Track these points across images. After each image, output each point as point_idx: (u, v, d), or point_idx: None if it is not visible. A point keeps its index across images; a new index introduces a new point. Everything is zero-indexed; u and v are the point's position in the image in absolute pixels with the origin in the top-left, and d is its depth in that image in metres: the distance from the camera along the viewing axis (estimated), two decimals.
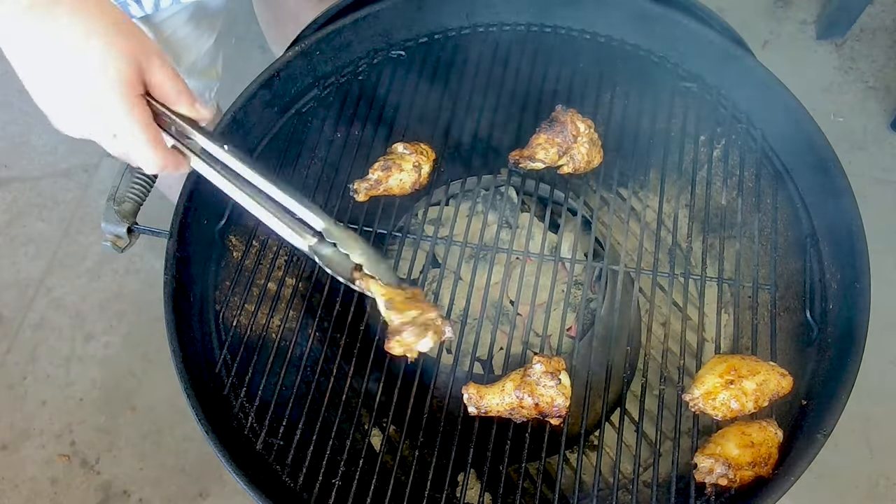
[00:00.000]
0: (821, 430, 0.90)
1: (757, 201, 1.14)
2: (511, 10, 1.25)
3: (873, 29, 2.40)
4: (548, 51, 1.24)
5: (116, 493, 1.81)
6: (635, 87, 1.22)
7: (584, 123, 1.11)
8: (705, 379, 0.94)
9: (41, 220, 2.16)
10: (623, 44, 1.23)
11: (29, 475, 1.83)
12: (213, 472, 1.82)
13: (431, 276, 1.25)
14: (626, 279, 1.16)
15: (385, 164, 1.10)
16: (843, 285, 1.03)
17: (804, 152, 1.10)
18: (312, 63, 1.19)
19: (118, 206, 1.02)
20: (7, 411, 1.90)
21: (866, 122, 2.25)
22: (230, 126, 1.11)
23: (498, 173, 1.24)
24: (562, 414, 0.93)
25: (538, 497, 0.96)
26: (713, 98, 1.19)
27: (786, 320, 1.12)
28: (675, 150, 1.18)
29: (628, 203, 1.36)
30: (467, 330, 1.14)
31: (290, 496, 0.96)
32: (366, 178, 1.10)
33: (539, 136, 1.11)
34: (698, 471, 0.90)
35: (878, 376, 1.83)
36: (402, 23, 1.23)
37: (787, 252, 1.16)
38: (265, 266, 1.13)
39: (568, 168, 1.13)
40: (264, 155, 1.18)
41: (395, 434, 1.25)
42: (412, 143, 1.13)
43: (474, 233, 1.22)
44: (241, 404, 1.01)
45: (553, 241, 1.26)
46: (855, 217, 1.02)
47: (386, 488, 0.94)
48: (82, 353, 1.96)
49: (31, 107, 0.74)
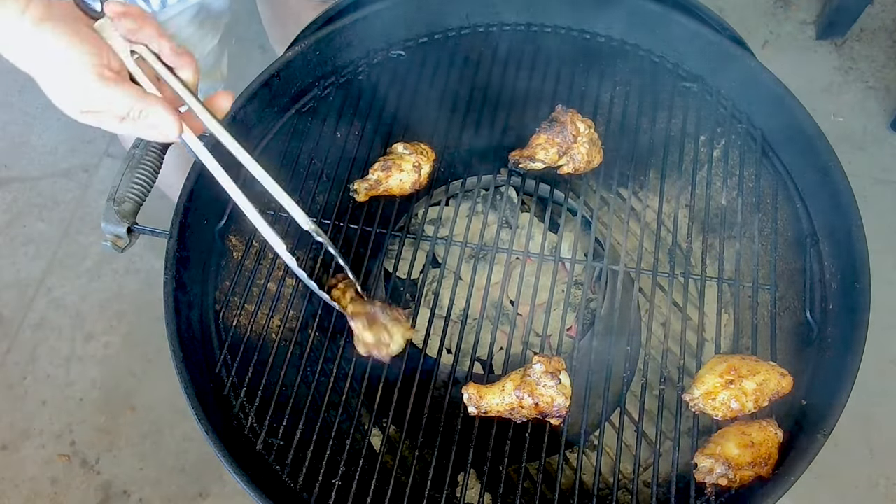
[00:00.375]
0: (821, 430, 0.90)
1: (757, 201, 1.14)
2: (511, 10, 1.25)
3: (873, 29, 2.41)
4: (548, 51, 1.24)
5: (116, 493, 1.81)
6: (635, 87, 1.22)
7: (584, 123, 1.11)
8: (705, 379, 0.94)
9: (41, 220, 2.16)
10: (623, 44, 1.23)
11: (29, 475, 1.83)
12: (213, 472, 1.82)
13: (431, 276, 1.25)
14: (626, 279, 1.16)
15: (385, 164, 1.10)
16: (843, 285, 1.03)
17: (804, 152, 1.10)
18: (312, 63, 1.19)
19: (118, 206, 1.02)
20: (7, 411, 1.90)
21: (866, 122, 2.25)
22: (230, 126, 1.11)
23: (498, 173, 1.24)
24: (562, 414, 0.93)
25: (538, 497, 0.95)
26: (713, 98, 1.19)
27: (786, 320, 1.12)
28: (675, 150, 1.18)
29: (628, 203, 1.36)
30: (467, 330, 1.14)
31: (290, 496, 0.96)
32: (366, 178, 1.10)
33: (539, 136, 1.11)
34: (698, 471, 0.90)
35: (878, 376, 1.83)
36: (402, 23, 1.23)
37: (787, 252, 1.16)
38: (265, 266, 1.13)
39: (568, 168, 1.13)
40: (264, 154, 1.18)
41: (395, 434, 1.25)
42: (412, 143, 1.13)
43: (474, 233, 1.22)
44: (241, 404, 1.01)
45: (553, 241, 1.26)
46: (855, 217, 1.02)
47: (386, 488, 0.94)
48: (82, 353, 1.96)
49: (32, 107, 0.75)
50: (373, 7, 1.19)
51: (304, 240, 1.13)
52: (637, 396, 1.05)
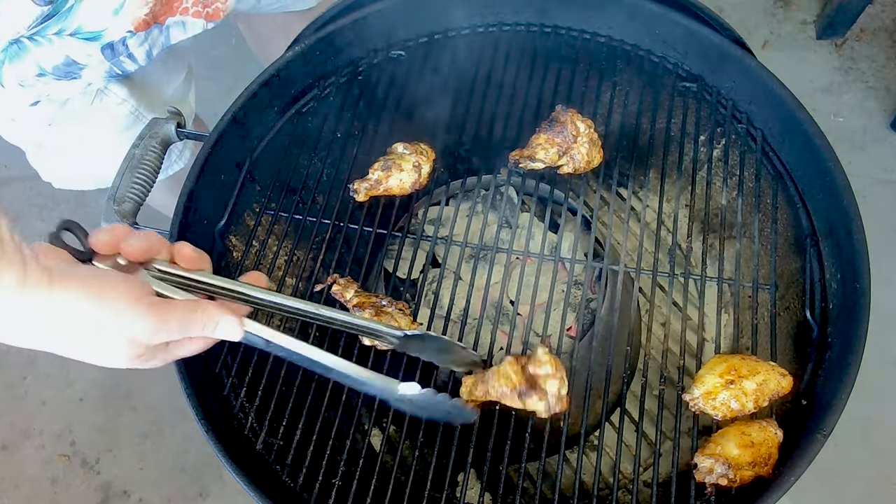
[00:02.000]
0: (821, 430, 0.90)
1: (757, 201, 1.14)
2: (511, 10, 1.25)
3: (873, 29, 2.40)
4: (548, 51, 1.24)
5: (116, 493, 1.81)
6: (635, 87, 1.22)
7: (584, 123, 1.11)
8: (705, 379, 0.94)
9: (41, 220, 2.16)
10: (623, 44, 1.23)
11: (29, 475, 1.83)
12: (213, 472, 1.82)
13: (431, 276, 1.25)
14: (626, 279, 1.16)
15: (385, 164, 1.10)
16: (843, 285, 1.02)
17: (804, 152, 1.10)
18: (312, 63, 1.19)
19: (118, 206, 1.02)
20: (7, 411, 1.90)
21: (866, 122, 2.24)
22: (230, 126, 1.11)
23: (498, 173, 1.24)
24: (555, 394, 0.91)
25: (538, 497, 0.95)
26: (713, 98, 1.19)
27: (786, 320, 1.12)
28: (675, 150, 1.18)
29: (628, 203, 1.36)
30: (467, 330, 1.13)
31: (290, 496, 0.96)
32: (366, 178, 1.10)
33: (539, 136, 1.11)
34: (698, 471, 0.90)
35: (878, 376, 1.83)
36: (402, 23, 1.23)
37: (787, 252, 1.16)
38: (265, 266, 1.13)
39: (568, 168, 1.13)
40: (264, 155, 1.18)
41: (395, 434, 1.25)
42: (412, 143, 1.13)
43: (474, 233, 1.22)
44: (241, 404, 1.01)
45: (553, 241, 1.26)
46: (855, 217, 1.02)
47: (386, 488, 0.94)
48: None
49: None
50: (373, 7, 1.19)
51: (304, 238, 1.13)
52: (637, 396, 1.05)
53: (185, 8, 1.17)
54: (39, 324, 0.60)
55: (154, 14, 1.13)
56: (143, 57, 1.18)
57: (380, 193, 1.11)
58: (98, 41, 1.10)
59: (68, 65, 1.10)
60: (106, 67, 1.15)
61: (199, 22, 1.20)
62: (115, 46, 1.12)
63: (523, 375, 0.91)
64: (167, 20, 1.17)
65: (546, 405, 0.90)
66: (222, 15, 1.22)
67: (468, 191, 1.27)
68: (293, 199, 1.14)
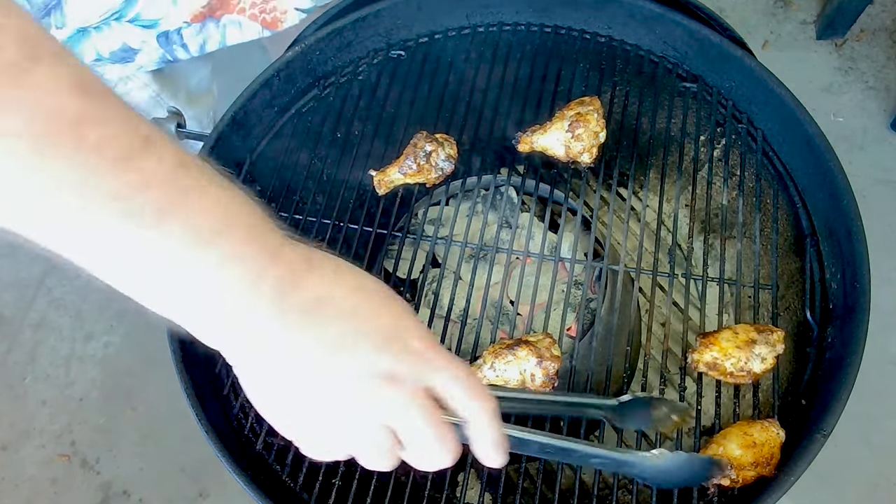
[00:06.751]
0: (821, 430, 0.90)
1: (757, 201, 1.14)
2: (511, 10, 1.25)
3: (873, 29, 2.40)
4: (548, 51, 1.24)
5: (116, 493, 1.81)
6: (635, 87, 1.22)
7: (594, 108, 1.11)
8: (719, 337, 0.94)
9: None
10: (623, 44, 1.23)
11: (29, 475, 1.83)
12: (213, 472, 1.82)
13: (431, 276, 1.25)
14: (626, 279, 1.16)
15: (415, 155, 1.10)
16: (843, 285, 1.02)
17: (804, 152, 1.10)
18: (312, 63, 1.19)
19: None
20: (7, 411, 1.90)
21: (866, 122, 2.24)
22: (230, 126, 1.11)
23: (498, 173, 1.24)
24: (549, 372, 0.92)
25: (538, 497, 0.95)
26: (713, 98, 1.19)
27: (786, 320, 1.12)
28: (676, 150, 1.18)
29: (628, 203, 1.36)
30: (467, 330, 1.14)
31: (290, 496, 0.96)
32: (385, 170, 1.11)
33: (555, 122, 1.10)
34: None
35: (878, 376, 1.83)
36: (402, 23, 1.23)
37: (788, 252, 1.16)
38: None
39: (575, 148, 1.10)
40: (264, 155, 1.18)
41: None
42: (431, 135, 1.13)
43: (474, 233, 1.22)
44: (241, 404, 1.01)
45: (553, 241, 1.26)
46: (855, 217, 1.02)
47: (386, 488, 0.94)
48: (82, 353, 1.96)
49: None
50: (373, 7, 1.19)
51: (304, 238, 1.13)
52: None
53: (241, 8, 1.19)
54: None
55: (211, 7, 1.15)
56: (196, 49, 1.19)
57: (402, 183, 1.12)
58: (154, 29, 1.12)
59: (125, 50, 1.13)
60: (160, 54, 1.17)
61: (255, 26, 1.21)
62: (169, 36, 1.14)
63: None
64: (223, 17, 1.18)
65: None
66: (281, 26, 1.23)
67: (468, 191, 1.27)
68: (293, 199, 1.14)
